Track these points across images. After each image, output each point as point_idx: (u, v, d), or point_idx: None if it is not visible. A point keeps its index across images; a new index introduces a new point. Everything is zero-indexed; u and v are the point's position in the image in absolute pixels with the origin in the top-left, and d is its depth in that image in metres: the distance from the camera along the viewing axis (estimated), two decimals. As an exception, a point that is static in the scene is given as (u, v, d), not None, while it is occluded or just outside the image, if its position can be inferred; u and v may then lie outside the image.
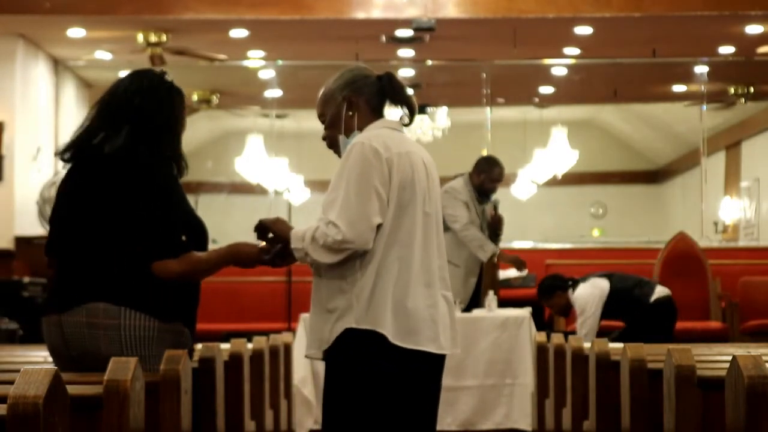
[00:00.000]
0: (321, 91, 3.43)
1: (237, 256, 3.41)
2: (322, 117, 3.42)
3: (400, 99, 3.39)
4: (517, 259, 7.68)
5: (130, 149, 3.35)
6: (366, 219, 3.15)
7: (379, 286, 3.19)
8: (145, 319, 3.29)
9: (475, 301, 7.28)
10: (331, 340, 3.23)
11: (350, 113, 3.36)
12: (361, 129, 3.34)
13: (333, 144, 3.41)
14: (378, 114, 3.39)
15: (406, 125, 3.42)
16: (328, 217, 3.17)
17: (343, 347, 3.21)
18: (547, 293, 7.24)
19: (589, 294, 7.00)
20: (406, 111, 3.40)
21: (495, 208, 7.42)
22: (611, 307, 7.03)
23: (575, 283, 7.11)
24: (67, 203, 3.39)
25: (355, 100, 3.36)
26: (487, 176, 7.37)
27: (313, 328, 3.30)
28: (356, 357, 3.20)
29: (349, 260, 3.19)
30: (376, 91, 3.38)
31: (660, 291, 7.18)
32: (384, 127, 3.33)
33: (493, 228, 7.42)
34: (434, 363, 3.28)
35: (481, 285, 7.38)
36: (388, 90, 3.38)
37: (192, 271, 3.36)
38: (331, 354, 3.24)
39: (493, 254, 7.29)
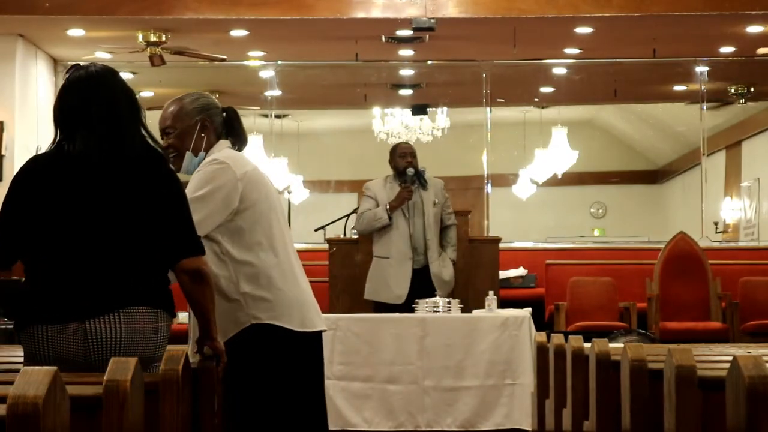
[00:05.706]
0: (174, 106, 3.83)
1: None
2: (170, 128, 3.82)
3: (239, 131, 3.92)
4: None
5: (147, 148, 3.28)
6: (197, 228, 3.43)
7: (264, 285, 3.66)
8: (170, 320, 3.30)
9: (416, 289, 7.29)
10: (235, 330, 3.65)
11: (201, 135, 3.81)
12: (206, 150, 3.80)
13: (176, 155, 3.79)
14: (219, 140, 3.86)
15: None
16: None
17: (248, 341, 3.64)
18: None
19: None
20: (235, 140, 3.90)
21: (411, 177, 7.46)
22: None
23: None
24: (76, 204, 3.17)
25: (208, 124, 3.83)
26: (394, 156, 7.63)
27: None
28: (265, 350, 3.65)
29: (229, 267, 3.65)
30: (222, 121, 3.88)
31: None
32: (227, 148, 3.83)
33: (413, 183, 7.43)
34: (321, 340, 3.83)
35: (428, 271, 7.38)
36: (235, 122, 3.92)
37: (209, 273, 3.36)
38: (235, 346, 3.61)
39: (387, 214, 7.39)
